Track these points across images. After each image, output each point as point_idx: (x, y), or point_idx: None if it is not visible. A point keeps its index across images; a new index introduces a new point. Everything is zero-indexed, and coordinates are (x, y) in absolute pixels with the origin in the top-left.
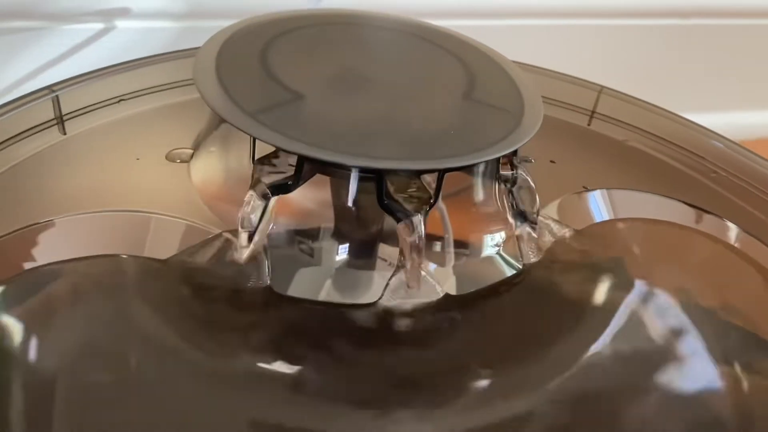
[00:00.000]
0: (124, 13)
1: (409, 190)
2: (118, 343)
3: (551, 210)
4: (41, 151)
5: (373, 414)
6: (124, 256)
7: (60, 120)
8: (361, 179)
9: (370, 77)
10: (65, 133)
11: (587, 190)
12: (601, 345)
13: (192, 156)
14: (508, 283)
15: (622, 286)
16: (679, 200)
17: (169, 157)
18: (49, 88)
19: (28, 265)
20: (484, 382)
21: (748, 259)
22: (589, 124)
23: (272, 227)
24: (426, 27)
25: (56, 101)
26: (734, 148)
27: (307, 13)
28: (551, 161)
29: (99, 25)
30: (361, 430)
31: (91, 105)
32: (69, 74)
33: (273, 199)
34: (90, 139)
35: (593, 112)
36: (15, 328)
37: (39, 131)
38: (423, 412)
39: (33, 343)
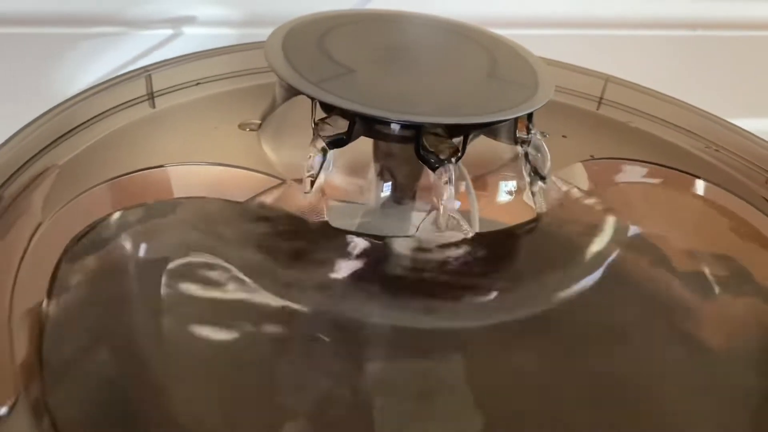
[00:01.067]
0: (191, 21)
1: (441, 146)
2: (206, 262)
3: (562, 173)
4: (135, 120)
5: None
6: (211, 198)
7: (151, 96)
8: (401, 135)
9: (408, 59)
10: (155, 107)
11: (594, 158)
12: (593, 280)
13: (260, 125)
14: (521, 227)
15: (617, 236)
16: (674, 168)
17: (241, 126)
18: (144, 69)
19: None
20: (494, 298)
21: (730, 214)
22: (597, 109)
23: (330, 173)
24: (457, 23)
25: (149, 80)
26: (729, 127)
27: (355, 11)
28: (563, 136)
29: (168, 32)
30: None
31: (175, 86)
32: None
33: (330, 152)
34: (175, 113)
35: (601, 98)
36: (129, 245)
37: (133, 105)
38: (446, 316)
39: (142, 259)
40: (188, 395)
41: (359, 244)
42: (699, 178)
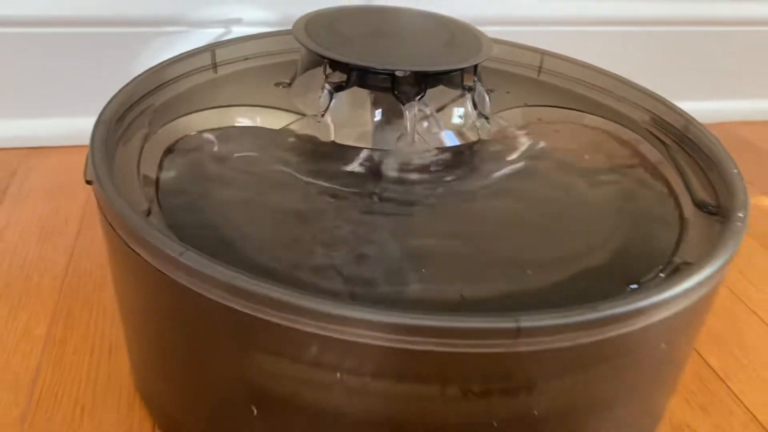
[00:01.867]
0: (238, 22)
1: (409, 89)
2: (259, 157)
3: (503, 115)
4: (203, 81)
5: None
6: (261, 127)
7: (214, 65)
8: (382, 85)
9: (391, 35)
10: (216, 73)
11: (527, 105)
12: (512, 170)
13: (289, 84)
14: (465, 147)
15: (530, 151)
16: (589, 113)
17: (276, 85)
18: (210, 46)
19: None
20: (447, 180)
21: (619, 139)
22: (538, 75)
23: (333, 107)
24: (430, 13)
25: (213, 54)
26: (627, 82)
27: (358, 6)
28: (507, 92)
29: (221, 30)
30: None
31: (230, 59)
32: None
33: (335, 94)
34: (229, 77)
35: (540, 67)
36: (204, 147)
37: (202, 71)
38: (415, 191)
39: (212, 154)
40: (259, 238)
41: (357, 152)
42: (600, 116)
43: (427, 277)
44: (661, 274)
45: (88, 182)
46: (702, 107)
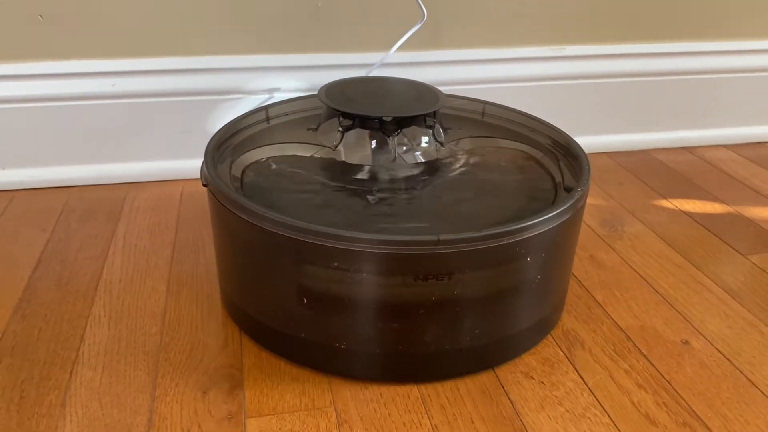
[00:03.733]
0: (277, 89)
1: (391, 127)
2: (300, 173)
3: (455, 144)
4: (261, 129)
5: (387, 189)
6: (300, 155)
7: (267, 119)
8: (374, 122)
9: (380, 95)
10: (269, 123)
11: (472, 136)
12: (458, 172)
13: (317, 129)
14: (428, 162)
15: (471, 162)
16: (511, 139)
17: (307, 129)
18: (264, 107)
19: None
20: (422, 181)
21: (529, 156)
22: (482, 118)
23: (344, 141)
24: (406, 79)
25: (266, 111)
26: (546, 123)
27: (361, 77)
28: (459, 128)
29: (266, 95)
30: (383, 195)
31: (278, 114)
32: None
33: (345, 133)
34: (278, 127)
35: (483, 113)
36: (268, 166)
37: (260, 123)
38: (402, 187)
39: (271, 169)
40: (302, 211)
41: (360, 167)
42: (518, 141)
43: (393, 222)
44: None
45: (205, 185)
46: (624, 138)
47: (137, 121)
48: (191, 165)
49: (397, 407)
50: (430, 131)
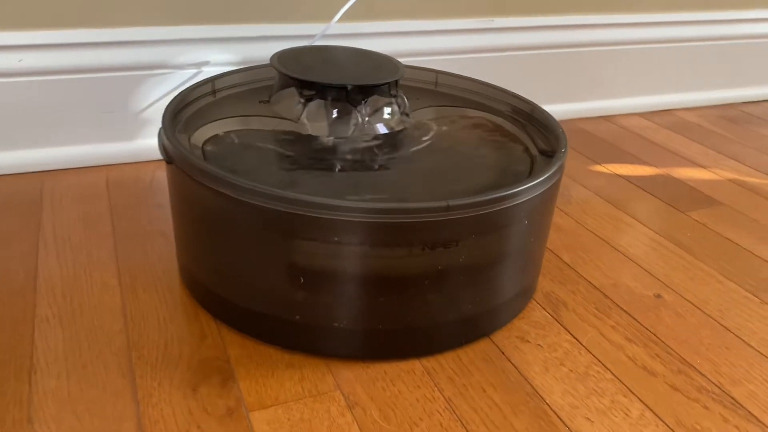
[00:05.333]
0: (206, 63)
1: (356, 97)
2: (262, 146)
3: (417, 113)
4: (207, 103)
5: (349, 161)
6: (259, 128)
7: (214, 92)
8: (338, 91)
9: (339, 63)
10: (215, 97)
11: (431, 106)
12: (425, 144)
13: (269, 100)
14: (396, 132)
15: (437, 133)
16: (471, 108)
17: (260, 102)
18: (210, 79)
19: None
20: (385, 152)
21: (494, 124)
22: (435, 87)
23: (305, 113)
24: (362, 49)
25: (213, 83)
26: (503, 90)
27: (312, 46)
28: (417, 98)
29: (194, 70)
30: (344, 165)
31: (225, 87)
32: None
33: (308, 104)
34: (226, 100)
35: (436, 82)
36: (227, 138)
37: (204, 96)
38: (365, 157)
39: (231, 142)
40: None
41: (324, 139)
42: (478, 110)
43: (376, 193)
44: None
45: (169, 162)
46: (550, 109)
47: (50, 102)
48: (116, 149)
49: (406, 384)
50: (394, 101)
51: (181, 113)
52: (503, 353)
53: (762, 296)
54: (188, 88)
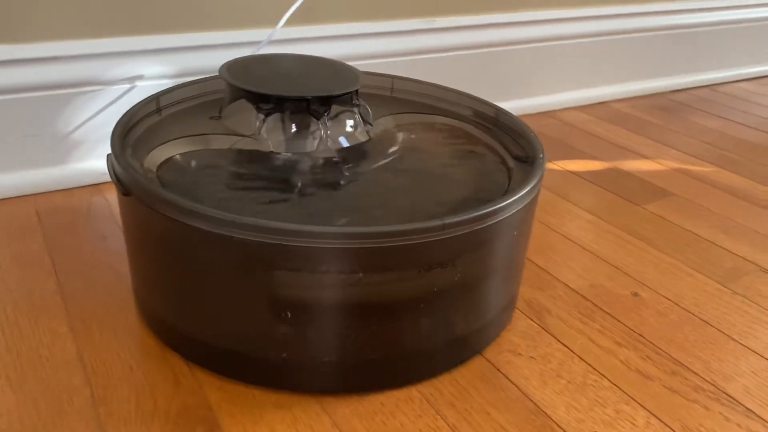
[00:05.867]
0: (141, 78)
1: (318, 108)
2: (219, 165)
3: (379, 121)
4: (154, 123)
5: (309, 179)
6: (215, 148)
7: (159, 110)
8: (298, 103)
9: (295, 73)
10: (161, 115)
11: (392, 114)
12: (392, 155)
13: (219, 116)
14: (361, 144)
15: (403, 140)
16: (432, 113)
17: (211, 118)
18: (155, 96)
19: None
20: (347, 167)
21: (457, 129)
22: (391, 93)
23: (264, 128)
24: (316, 57)
25: (157, 101)
26: (462, 94)
27: (260, 55)
28: (375, 106)
29: (127, 85)
30: (306, 182)
31: (170, 104)
32: (116, 114)
33: (266, 118)
34: (173, 117)
35: (392, 88)
36: (182, 161)
37: (149, 116)
38: (328, 174)
39: (189, 166)
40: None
41: (288, 155)
42: (441, 115)
43: (354, 216)
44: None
45: (126, 194)
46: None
47: None
48: (43, 175)
49: (406, 414)
50: (356, 111)
51: (128, 136)
52: (499, 370)
53: (731, 286)
54: (133, 107)
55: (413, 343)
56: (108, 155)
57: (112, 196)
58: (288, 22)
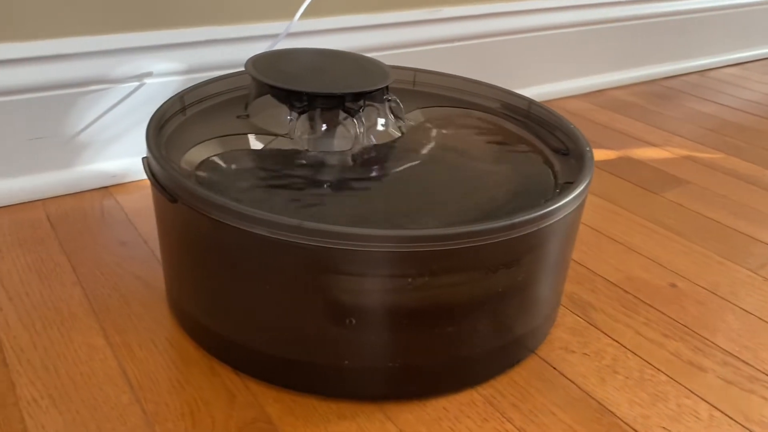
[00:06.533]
0: (149, 75)
1: (352, 105)
2: (255, 166)
3: (409, 116)
4: (180, 123)
5: (346, 175)
6: (249, 148)
7: (183, 109)
8: (333, 100)
9: (325, 69)
10: (185, 114)
11: (419, 108)
12: (426, 152)
13: (247, 115)
14: (396, 141)
15: (437, 136)
16: (462, 107)
17: (239, 117)
18: (179, 94)
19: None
20: (383, 165)
21: (493, 126)
22: (413, 86)
23: (301, 126)
24: (339, 50)
25: (182, 99)
26: (489, 85)
27: (286, 49)
28: (400, 99)
29: (136, 83)
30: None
31: (194, 102)
32: (124, 114)
33: (300, 117)
34: (199, 117)
35: (414, 81)
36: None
37: (175, 115)
38: (362, 172)
39: (224, 168)
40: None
41: (331, 155)
42: (471, 109)
43: (411, 216)
44: (557, 190)
45: (173, 201)
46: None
47: None
48: (51, 179)
49: (472, 419)
50: (387, 106)
51: (161, 134)
52: (555, 368)
53: (762, 273)
54: (161, 106)
55: (474, 346)
56: (144, 158)
57: (124, 198)
58: (290, 17)
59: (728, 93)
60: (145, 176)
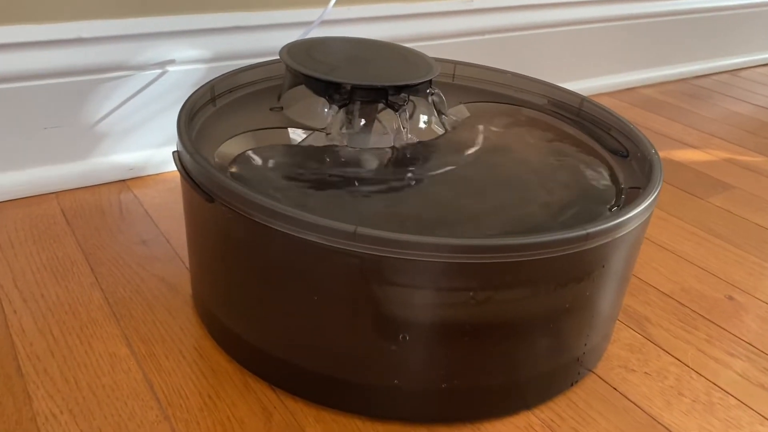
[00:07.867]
0: (171, 62)
1: (396, 99)
2: (293, 161)
3: (451, 111)
4: (209, 115)
5: (385, 174)
6: (285, 144)
7: (213, 100)
8: (377, 94)
9: (365, 60)
10: (215, 105)
11: (461, 103)
12: (474, 151)
13: (279, 103)
14: (440, 137)
15: (484, 132)
16: (509, 104)
17: (272, 109)
18: (210, 83)
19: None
20: (428, 164)
21: (544, 123)
22: (452, 80)
23: (341, 121)
24: (376, 40)
25: (212, 89)
26: (534, 79)
27: (321, 38)
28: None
29: (158, 71)
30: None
31: (224, 92)
32: (143, 102)
33: (339, 110)
34: (229, 108)
35: (453, 74)
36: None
37: (204, 105)
38: (405, 171)
39: (259, 162)
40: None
41: (364, 152)
42: (517, 105)
43: (467, 222)
44: (623, 196)
45: (210, 201)
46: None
47: None
48: (66, 171)
49: None
50: (431, 101)
51: (192, 127)
52: (616, 389)
53: None
54: (190, 97)
55: (533, 365)
56: (174, 152)
57: (142, 192)
58: (322, 4)
59: (762, 93)
60: (164, 169)
